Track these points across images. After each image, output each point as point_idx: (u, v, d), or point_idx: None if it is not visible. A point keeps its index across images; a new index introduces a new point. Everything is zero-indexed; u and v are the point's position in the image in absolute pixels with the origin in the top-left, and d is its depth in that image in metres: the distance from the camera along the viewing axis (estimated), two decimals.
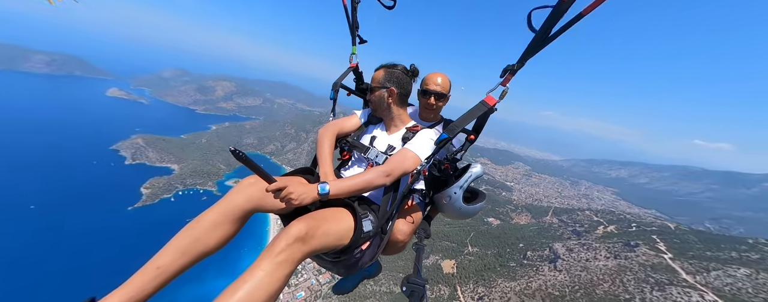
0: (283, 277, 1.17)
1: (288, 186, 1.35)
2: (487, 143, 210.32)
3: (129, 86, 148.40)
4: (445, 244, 49.63)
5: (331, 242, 1.40)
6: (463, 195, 1.95)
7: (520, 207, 69.12)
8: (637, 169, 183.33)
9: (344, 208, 1.59)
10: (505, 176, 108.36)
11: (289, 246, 1.20)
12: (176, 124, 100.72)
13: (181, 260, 1.31)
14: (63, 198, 51.67)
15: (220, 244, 1.39)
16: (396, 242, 1.90)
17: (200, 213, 1.39)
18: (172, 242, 1.33)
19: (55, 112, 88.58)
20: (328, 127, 2.06)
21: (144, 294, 1.23)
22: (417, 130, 1.90)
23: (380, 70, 1.95)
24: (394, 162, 1.68)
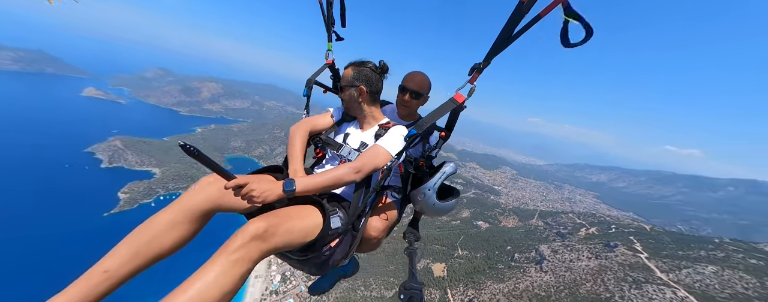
0: (239, 276, 1.12)
1: (249, 184, 1.29)
2: (476, 148, 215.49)
3: (107, 86, 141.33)
4: (435, 248, 49.96)
5: (295, 239, 1.37)
6: (436, 192, 2.00)
7: (508, 211, 70.92)
8: (616, 174, 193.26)
9: (312, 205, 1.57)
10: (493, 180, 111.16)
11: (245, 245, 1.15)
12: (158, 125, 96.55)
13: (132, 263, 1.22)
14: (31, 203, 47.95)
15: (178, 246, 1.34)
16: (369, 239, 1.89)
17: (151, 216, 1.32)
18: (122, 243, 1.24)
19: (24, 111, 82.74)
20: (300, 125, 2.04)
21: (88, 301, 1.12)
22: (389, 126, 1.88)
23: (349, 68, 1.91)
24: (365, 158, 1.67)
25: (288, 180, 1.40)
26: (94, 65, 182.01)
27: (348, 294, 38.79)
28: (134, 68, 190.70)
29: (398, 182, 2.20)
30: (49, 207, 48.06)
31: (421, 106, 2.20)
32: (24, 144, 64.80)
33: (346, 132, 2.05)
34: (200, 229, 1.41)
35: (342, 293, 39.11)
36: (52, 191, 51.92)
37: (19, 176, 53.87)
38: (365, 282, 40.97)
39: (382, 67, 1.94)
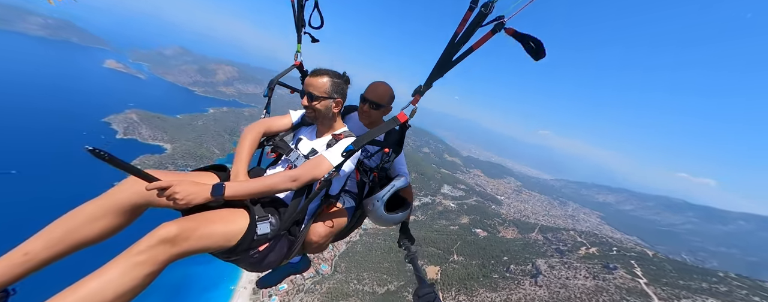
0: (141, 278, 1.10)
1: (173, 186, 1.30)
2: (482, 155, 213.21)
3: (127, 59, 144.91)
4: (431, 250, 49.95)
5: (213, 244, 1.34)
6: (384, 203, 2.06)
7: (508, 222, 70.18)
8: (624, 196, 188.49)
9: (244, 209, 1.55)
10: (496, 189, 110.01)
11: (151, 248, 1.13)
12: (173, 103, 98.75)
13: (53, 249, 1.24)
14: (48, 166, 49.91)
15: (102, 237, 1.36)
16: (311, 243, 1.89)
17: (80, 205, 1.34)
18: (46, 229, 1.26)
19: (48, 77, 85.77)
20: (255, 125, 2.03)
21: (6, 280, 1.16)
22: (340, 138, 1.89)
23: (324, 78, 1.88)
24: (305, 168, 1.69)
25: (217, 185, 1.41)
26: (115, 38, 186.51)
27: (340, 286, 39.26)
28: (153, 44, 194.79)
29: (354, 188, 2.23)
30: (65, 172, 49.96)
31: (384, 115, 2.24)
32: (45, 108, 67.32)
33: (299, 137, 2.08)
34: (129, 223, 1.42)
35: (334, 284, 39.62)
36: (69, 156, 53.96)
37: (39, 139, 56.12)
38: (358, 276, 41.36)
39: (347, 79, 2.00)
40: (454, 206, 74.65)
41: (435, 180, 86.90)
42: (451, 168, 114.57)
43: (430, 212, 69.23)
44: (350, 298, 37.71)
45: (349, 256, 46.30)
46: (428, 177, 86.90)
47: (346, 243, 49.05)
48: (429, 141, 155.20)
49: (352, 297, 37.91)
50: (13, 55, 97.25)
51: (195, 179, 1.57)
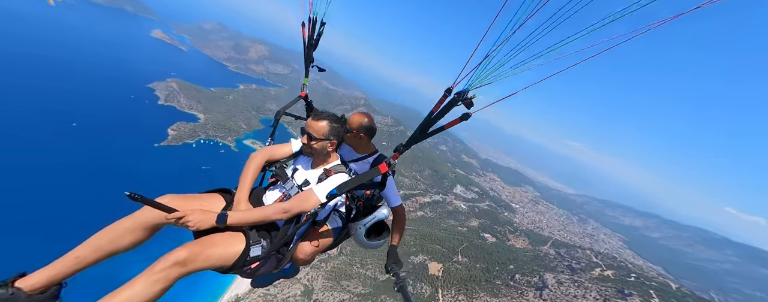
0: (159, 291, 1.47)
1: (186, 216, 1.67)
2: (501, 160, 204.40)
3: (172, 31, 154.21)
4: (436, 248, 49.94)
5: (213, 264, 1.71)
6: (365, 230, 2.30)
7: (520, 231, 67.80)
8: (654, 222, 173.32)
9: (242, 233, 1.90)
10: (512, 197, 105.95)
11: (165, 269, 1.48)
12: (209, 75, 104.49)
13: (96, 254, 1.64)
14: (101, 122, 55.88)
15: (133, 246, 1.77)
16: (297, 260, 2.21)
17: (117, 220, 1.74)
18: (91, 239, 1.67)
19: (103, 43, 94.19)
20: (260, 153, 2.32)
21: (61, 276, 1.59)
22: (331, 173, 2.15)
23: (323, 123, 2.14)
24: (295, 201, 1.99)
25: (221, 214, 1.77)
26: (163, 9, 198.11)
27: (344, 267, 40.86)
28: (195, 17, 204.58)
29: (344, 208, 2.46)
30: (115, 128, 55.73)
31: (366, 141, 2.50)
32: (99, 73, 74.42)
33: (296, 167, 2.35)
34: (151, 236, 1.83)
35: (339, 265, 41.30)
36: (118, 115, 59.93)
37: (94, 98, 62.60)
38: (362, 261, 42.70)
39: (344, 121, 2.31)
40: (465, 208, 73.28)
41: (448, 180, 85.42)
42: (466, 170, 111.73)
43: (440, 210, 68.65)
44: (353, 280, 39.23)
45: None
46: (442, 176, 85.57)
47: None
48: (447, 139, 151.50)
49: (355, 279, 39.39)
50: (76, 20, 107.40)
51: (205, 202, 2.05)
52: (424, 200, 69.78)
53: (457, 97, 1.64)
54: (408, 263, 44.71)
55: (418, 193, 71.76)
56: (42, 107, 51.76)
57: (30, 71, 60.07)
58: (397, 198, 2.49)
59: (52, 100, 54.88)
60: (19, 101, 50.74)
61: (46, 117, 50.14)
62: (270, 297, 33.41)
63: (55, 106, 53.97)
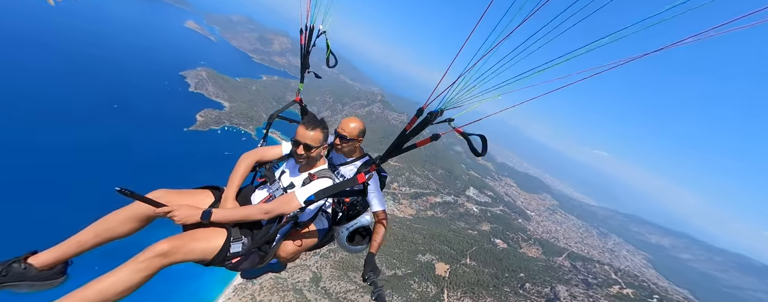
0: (141, 279, 1.63)
1: (173, 211, 1.86)
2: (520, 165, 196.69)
3: (203, 21, 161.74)
4: (444, 248, 49.48)
5: (194, 257, 1.85)
6: (348, 235, 2.39)
7: (533, 240, 65.35)
8: (684, 242, 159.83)
9: (225, 229, 2.01)
10: (527, 204, 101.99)
11: (148, 259, 1.62)
12: (234, 66, 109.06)
13: (95, 239, 1.84)
14: (138, 105, 60.58)
15: (128, 234, 1.95)
16: (280, 257, 2.31)
17: (115, 211, 1.92)
18: (92, 226, 1.87)
19: (144, 33, 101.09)
20: (250, 154, 2.45)
21: (66, 256, 1.81)
22: (315, 178, 2.22)
23: (316, 131, 2.19)
24: (277, 203, 2.11)
25: (206, 211, 1.93)
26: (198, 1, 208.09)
27: (351, 258, 41.66)
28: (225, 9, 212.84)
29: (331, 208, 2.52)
30: (150, 112, 60.27)
31: (357, 145, 2.54)
32: (138, 59, 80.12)
33: (284, 169, 2.45)
34: (145, 226, 2.00)
35: (346, 257, 42.17)
36: (153, 99, 64.65)
37: (132, 82, 67.72)
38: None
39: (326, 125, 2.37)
40: (477, 211, 71.65)
41: (461, 181, 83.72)
42: (481, 172, 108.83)
43: (450, 211, 67.68)
44: (359, 272, 39.86)
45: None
46: (455, 177, 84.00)
47: None
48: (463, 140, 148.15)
49: (361, 271, 40.11)
50: (125, 11, 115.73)
51: (194, 198, 2.20)
52: (435, 200, 69.03)
53: (429, 116, 1.71)
54: (415, 261, 44.74)
55: (429, 193, 71.11)
56: (90, 89, 57.07)
57: (82, 58, 66.11)
58: (381, 203, 2.48)
59: (98, 84, 60.28)
60: (71, 84, 56.15)
61: (93, 98, 55.18)
62: (281, 280, 34.94)
63: (101, 89, 59.19)
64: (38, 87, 50.57)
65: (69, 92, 53.24)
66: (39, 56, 58.24)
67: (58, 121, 46.45)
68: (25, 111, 44.65)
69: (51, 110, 47.43)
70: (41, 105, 47.26)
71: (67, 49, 65.73)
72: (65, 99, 51.17)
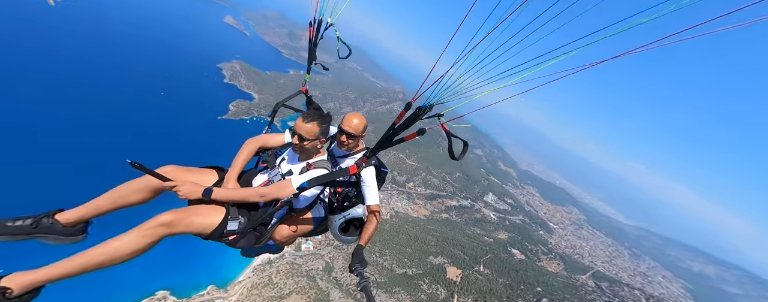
0: (145, 245, 1.78)
1: (178, 186, 2.02)
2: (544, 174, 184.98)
3: (240, 17, 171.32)
4: (457, 253, 48.40)
5: (193, 230, 1.99)
6: (339, 225, 2.47)
7: (555, 254, 61.58)
8: (734, 274, 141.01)
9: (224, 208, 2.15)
10: (551, 215, 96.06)
11: (152, 228, 1.78)
12: (265, 60, 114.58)
13: (111, 205, 2.05)
14: (181, 94, 66.51)
15: (140, 202, 2.13)
16: (275, 239, 2.44)
17: (129, 181, 2.10)
18: (108, 193, 2.05)
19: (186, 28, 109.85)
20: (255, 140, 2.58)
21: (86, 217, 2.03)
22: (311, 168, 2.33)
23: (313, 124, 2.27)
24: (273, 188, 2.23)
25: (207, 189, 2.08)
26: None
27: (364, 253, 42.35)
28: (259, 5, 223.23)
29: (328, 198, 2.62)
30: (190, 99, 65.89)
31: (361, 140, 2.61)
32: (182, 52, 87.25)
33: (283, 156, 2.56)
34: (154, 197, 2.18)
35: None
36: (193, 88, 70.45)
37: (176, 72, 74.04)
38: (381, 251, 43.68)
39: (330, 118, 2.47)
40: (495, 218, 68.97)
41: (480, 186, 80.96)
42: (502, 179, 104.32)
43: (466, 216, 65.89)
44: (370, 267, 40.52)
45: (377, 229, 48.91)
46: (473, 181, 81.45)
47: None
48: (485, 144, 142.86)
49: (372, 267, 40.61)
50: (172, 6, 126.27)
51: (200, 176, 2.35)
52: (451, 203, 67.55)
53: (418, 111, 1.74)
54: (426, 262, 44.31)
55: (445, 195, 69.76)
56: (143, 78, 63.69)
57: (136, 51, 73.73)
58: (374, 197, 2.49)
59: (150, 73, 67.06)
60: (128, 73, 62.96)
61: (143, 87, 61.43)
62: (296, 266, 36.51)
63: (151, 78, 65.71)
64: (100, 76, 57.60)
65: (125, 80, 60.07)
66: (102, 50, 66.21)
67: (117, 104, 52.55)
68: (91, 97, 51.27)
69: (110, 96, 53.89)
70: (103, 92, 53.90)
71: (123, 42, 73.87)
72: (123, 85, 57.97)
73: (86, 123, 45.52)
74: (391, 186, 64.53)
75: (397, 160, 72.22)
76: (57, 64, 54.39)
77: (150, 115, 54.99)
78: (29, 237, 1.86)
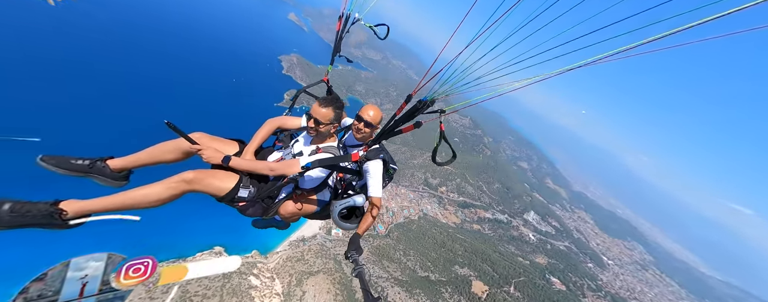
0: (169, 196, 2.04)
1: (203, 150, 2.26)
2: (602, 200, 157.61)
3: (301, 14, 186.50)
4: (485, 268, 45.11)
5: (209, 191, 2.20)
6: (339, 211, 2.50)
7: (605, 293, 52.80)
8: None
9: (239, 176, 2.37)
10: (605, 248, 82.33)
11: (176, 182, 2.06)
12: (318, 54, 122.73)
13: (148, 160, 2.31)
14: (248, 79, 76.69)
15: (173, 161, 2.38)
16: (281, 214, 2.58)
17: (166, 141, 2.34)
18: (148, 149, 2.32)
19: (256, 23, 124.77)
20: (275, 120, 2.81)
21: (129, 167, 2.29)
22: (319, 151, 2.49)
23: (328, 109, 2.42)
24: (282, 165, 2.40)
25: (227, 156, 2.29)
26: None
27: (388, 249, 42.66)
28: (319, 3, 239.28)
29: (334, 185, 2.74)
30: (254, 86, 75.08)
31: (375, 131, 2.69)
32: (250, 44, 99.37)
33: (298, 138, 2.75)
34: (184, 159, 2.41)
35: (383, 245, 43.38)
36: (257, 76, 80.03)
37: (245, 61, 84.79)
38: (406, 250, 43.36)
39: (343, 105, 2.61)
40: (534, 239, 62.15)
41: (521, 202, 73.70)
42: (548, 197, 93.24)
43: (501, 231, 60.84)
44: (393, 263, 40.60)
45: (403, 228, 48.56)
46: (514, 195, 74.55)
47: (403, 217, 51.35)
48: (532, 156, 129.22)
49: (395, 264, 40.66)
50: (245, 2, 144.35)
51: (223, 145, 2.59)
52: (485, 215, 63.10)
53: (418, 104, 1.77)
54: (450, 271, 42.42)
55: (479, 206, 65.46)
56: (217, 67, 74.90)
57: (216, 43, 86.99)
58: (377, 190, 2.53)
59: (227, 62, 78.98)
60: (204, 63, 74.71)
61: (218, 75, 72.29)
62: (325, 249, 38.72)
63: (220, 66, 76.55)
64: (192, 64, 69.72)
65: (205, 69, 71.81)
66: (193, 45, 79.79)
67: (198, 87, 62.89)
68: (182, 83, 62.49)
69: (198, 79, 64.92)
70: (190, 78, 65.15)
71: (211, 35, 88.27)
72: (208, 72, 69.71)
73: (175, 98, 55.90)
74: (423, 188, 63.25)
75: (432, 162, 70.48)
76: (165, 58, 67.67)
77: (224, 95, 65.01)
78: (85, 176, 2.16)
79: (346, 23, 2.91)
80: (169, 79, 60.54)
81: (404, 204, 55.03)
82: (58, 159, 2.05)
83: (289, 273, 33.84)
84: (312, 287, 32.79)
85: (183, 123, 2.16)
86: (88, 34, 58.92)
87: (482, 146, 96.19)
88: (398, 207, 53.33)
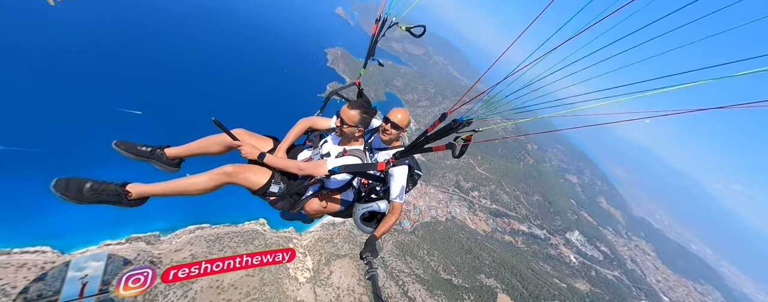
0: (212, 186, 2.28)
1: (241, 146, 2.44)
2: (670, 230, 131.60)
3: (348, 8, 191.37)
4: (514, 283, 42.00)
5: (245, 184, 2.39)
6: (361, 214, 2.59)
7: None
8: None
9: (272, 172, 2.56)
10: (667, 287, 69.58)
11: (218, 174, 2.29)
12: (362, 48, 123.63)
13: (198, 150, 2.57)
14: (296, 71, 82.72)
15: (217, 153, 2.62)
16: (306, 210, 2.73)
17: (213, 134, 2.59)
18: (198, 140, 2.58)
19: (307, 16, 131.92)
20: (307, 120, 2.96)
21: (182, 155, 2.56)
22: (346, 154, 2.57)
23: (355, 112, 2.52)
24: (310, 165, 2.53)
25: (262, 153, 2.46)
26: None
27: (412, 246, 42.56)
28: None
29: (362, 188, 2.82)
30: (301, 78, 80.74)
31: (402, 134, 2.75)
32: (299, 37, 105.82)
33: (327, 139, 2.86)
34: (227, 152, 2.63)
35: (408, 241, 43.37)
36: (304, 68, 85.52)
37: (293, 53, 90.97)
38: (430, 251, 42.72)
39: (374, 112, 2.69)
40: (576, 262, 55.51)
41: (564, 219, 66.14)
42: (599, 218, 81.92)
43: (535, 247, 55.72)
44: (416, 261, 40.43)
45: (429, 228, 47.75)
46: (557, 211, 67.22)
47: (430, 217, 50.41)
48: (586, 171, 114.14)
49: (418, 261, 40.44)
50: None
51: (260, 142, 2.82)
52: (520, 227, 58.33)
53: (453, 124, 1.75)
54: (475, 279, 40.56)
55: (514, 216, 60.68)
56: (273, 57, 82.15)
57: (269, 36, 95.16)
58: (399, 195, 2.58)
59: (280, 53, 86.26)
60: (258, 55, 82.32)
61: (270, 66, 79.33)
62: (353, 236, 40.36)
63: (276, 57, 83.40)
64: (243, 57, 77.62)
65: (260, 60, 79.17)
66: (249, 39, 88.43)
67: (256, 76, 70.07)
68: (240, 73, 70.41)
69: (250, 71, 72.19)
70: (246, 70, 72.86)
71: (267, 28, 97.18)
72: (258, 63, 76.96)
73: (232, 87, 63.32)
74: (453, 190, 60.99)
75: (467, 166, 67.06)
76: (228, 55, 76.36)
77: (275, 83, 72.10)
78: (146, 160, 2.47)
79: (383, 27, 2.96)
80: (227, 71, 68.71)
81: (432, 204, 53.88)
82: (127, 144, 2.41)
83: (319, 252, 36.21)
84: (338, 268, 34.62)
85: (236, 110, 2.33)
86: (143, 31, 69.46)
87: (524, 153, 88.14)
88: (426, 206, 52.47)
